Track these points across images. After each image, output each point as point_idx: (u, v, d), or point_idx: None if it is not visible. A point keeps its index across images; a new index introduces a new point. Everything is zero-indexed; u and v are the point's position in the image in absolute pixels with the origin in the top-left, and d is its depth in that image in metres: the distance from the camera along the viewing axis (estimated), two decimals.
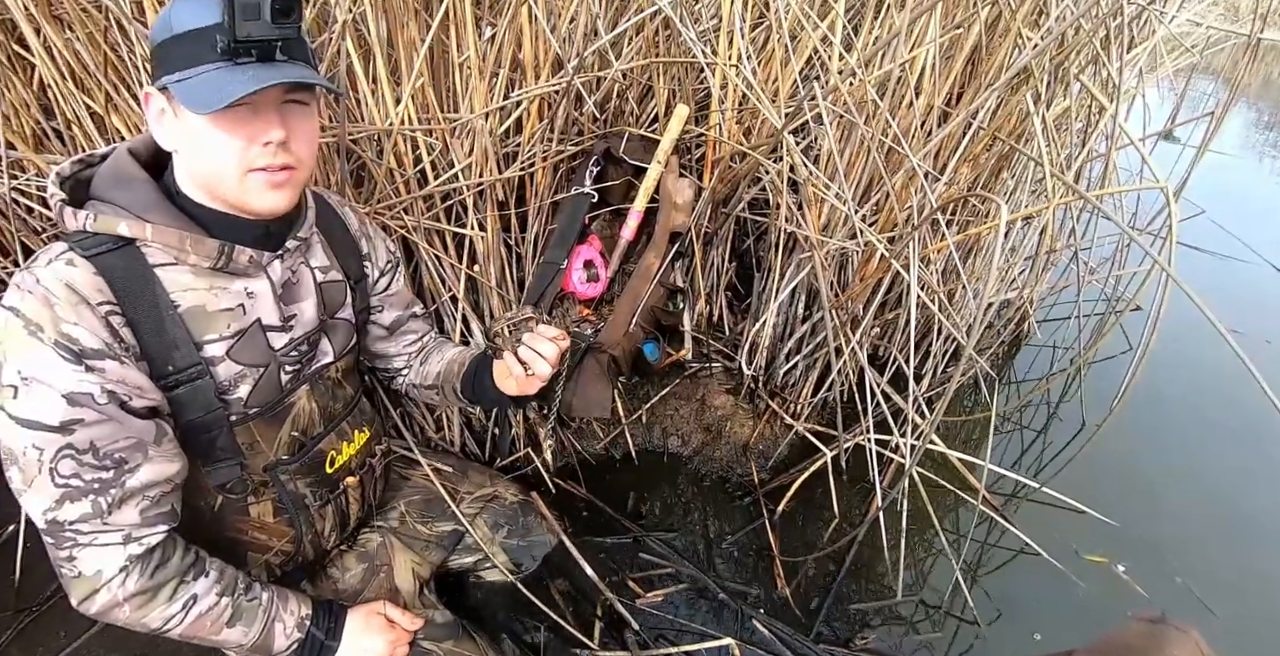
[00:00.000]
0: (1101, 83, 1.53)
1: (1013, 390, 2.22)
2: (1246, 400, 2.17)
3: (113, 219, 0.79)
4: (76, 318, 0.75)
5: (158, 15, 0.72)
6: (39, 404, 0.74)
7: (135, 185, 0.82)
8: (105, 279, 0.78)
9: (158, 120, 0.80)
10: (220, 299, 0.86)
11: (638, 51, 1.62)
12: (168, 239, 0.80)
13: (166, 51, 0.75)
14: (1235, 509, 1.86)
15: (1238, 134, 5.76)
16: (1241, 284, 3.01)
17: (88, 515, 0.78)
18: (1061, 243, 1.82)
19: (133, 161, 0.84)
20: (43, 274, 0.76)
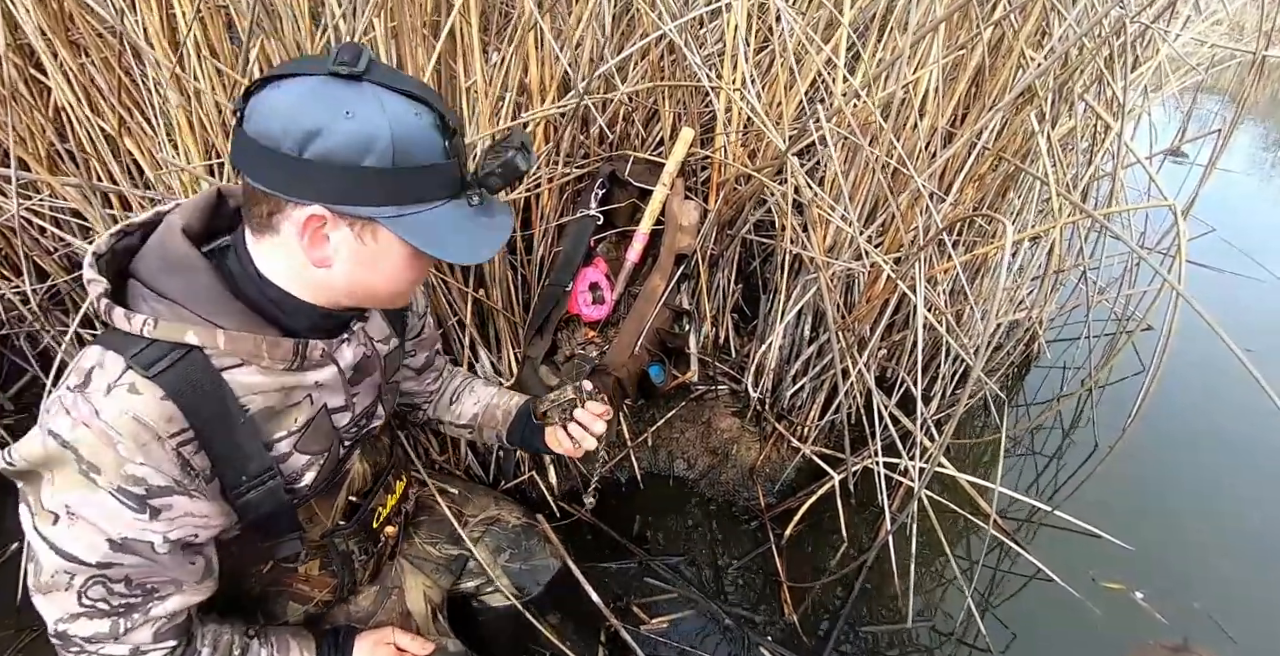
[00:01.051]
0: (1106, 102, 1.53)
1: (1023, 412, 2.20)
2: (1261, 419, 2.14)
3: (178, 325, 0.69)
4: (144, 457, 0.68)
5: (339, 129, 0.64)
6: (80, 541, 0.69)
7: (195, 275, 0.73)
8: (176, 404, 0.70)
9: (323, 240, 0.71)
10: (290, 395, 0.80)
11: (643, 75, 1.63)
12: (243, 347, 0.72)
13: (374, 180, 0.67)
14: (1252, 531, 1.82)
15: (1246, 152, 5.75)
16: (1254, 302, 2.99)
17: (102, 634, 0.74)
18: (1070, 262, 1.80)
19: (187, 242, 0.74)
20: (104, 406, 0.67)
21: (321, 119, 0.64)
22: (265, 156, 0.66)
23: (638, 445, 1.69)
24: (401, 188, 0.69)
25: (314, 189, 0.67)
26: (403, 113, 0.67)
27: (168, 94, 1.31)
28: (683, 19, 1.44)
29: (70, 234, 1.55)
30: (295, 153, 0.65)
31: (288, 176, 0.67)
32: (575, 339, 1.54)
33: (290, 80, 0.66)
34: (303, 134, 0.64)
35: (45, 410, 0.70)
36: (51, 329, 1.60)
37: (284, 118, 0.65)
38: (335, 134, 0.64)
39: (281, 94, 0.66)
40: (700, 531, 1.67)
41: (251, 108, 0.67)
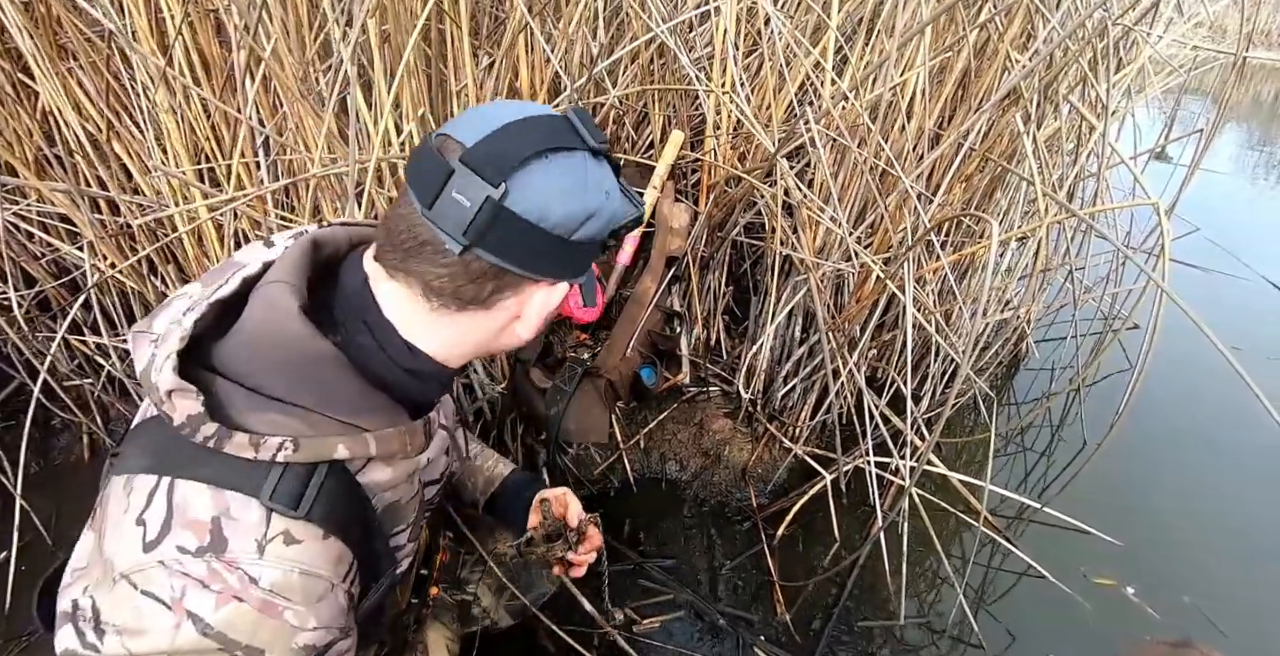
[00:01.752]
0: (1091, 103, 1.55)
1: (1013, 411, 2.21)
2: (1248, 416, 2.16)
3: (325, 442, 0.58)
4: (317, 618, 0.56)
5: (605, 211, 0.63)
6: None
7: (328, 371, 0.60)
8: (340, 538, 0.59)
9: (547, 308, 0.67)
10: (412, 484, 0.72)
11: (633, 78, 1.64)
12: (391, 447, 0.64)
13: (588, 250, 0.65)
14: (1238, 527, 1.84)
15: (1230, 153, 5.82)
16: (1238, 300, 3.02)
17: None
18: (1056, 262, 1.82)
19: (312, 329, 0.60)
20: (263, 572, 0.54)
21: (597, 202, 0.62)
22: (536, 240, 0.60)
23: (630, 447, 1.70)
24: (592, 254, 0.68)
25: (570, 269, 0.65)
26: (618, 189, 0.66)
27: (156, 97, 1.31)
28: (673, 22, 1.45)
29: (58, 239, 1.54)
30: (567, 235, 0.61)
31: (551, 258, 0.62)
32: (567, 341, 1.54)
33: (558, 156, 0.59)
34: (583, 217, 0.61)
35: (139, 575, 0.53)
36: (39, 336, 1.59)
37: (568, 203, 0.60)
38: (603, 215, 0.63)
39: (558, 173, 0.59)
40: (693, 533, 1.67)
41: (518, 183, 0.57)
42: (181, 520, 0.54)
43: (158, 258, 1.46)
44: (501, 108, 0.61)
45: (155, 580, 0.53)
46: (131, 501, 0.55)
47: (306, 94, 1.28)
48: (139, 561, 0.53)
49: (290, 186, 1.42)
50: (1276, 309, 3.01)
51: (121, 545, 0.54)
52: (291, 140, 1.37)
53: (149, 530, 0.53)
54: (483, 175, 0.57)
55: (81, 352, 1.63)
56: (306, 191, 1.36)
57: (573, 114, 0.61)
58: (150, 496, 0.55)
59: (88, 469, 1.70)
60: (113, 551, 0.54)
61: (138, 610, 0.52)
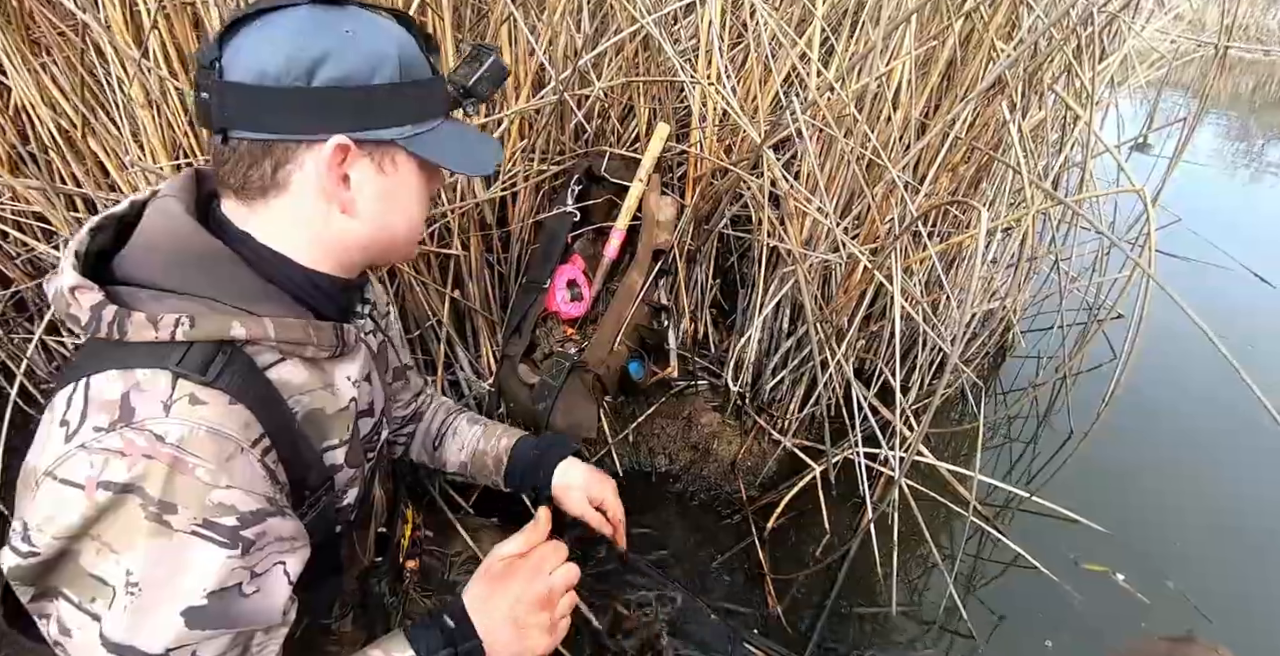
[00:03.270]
0: (1075, 92, 1.55)
1: (1000, 401, 2.22)
2: (1232, 403, 2.19)
3: (220, 319, 0.60)
4: (230, 477, 0.57)
5: (348, 50, 0.61)
6: (146, 625, 0.54)
7: (220, 262, 0.63)
8: (246, 406, 0.60)
9: (344, 179, 0.65)
10: (335, 395, 0.71)
11: (618, 71, 1.63)
12: (292, 335, 0.64)
13: (386, 99, 0.63)
14: (1227, 510, 1.86)
15: (1210, 145, 5.88)
16: (1221, 290, 3.05)
17: None
18: (1042, 251, 1.83)
19: (199, 226, 0.64)
20: (168, 428, 0.55)
21: (327, 43, 0.60)
22: (265, 98, 0.60)
23: (618, 442, 1.69)
24: (412, 104, 0.66)
25: (331, 119, 0.62)
26: (396, 29, 0.65)
27: (132, 91, 1.29)
28: (658, 13, 1.43)
29: (34, 238, 1.51)
30: (304, 83, 0.60)
31: (299, 113, 0.61)
32: (554, 336, 1.53)
33: (274, 14, 0.60)
34: (309, 62, 0.59)
35: (60, 466, 0.54)
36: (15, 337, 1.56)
37: (284, 49, 0.59)
38: (345, 55, 0.61)
39: (271, 28, 0.60)
40: (683, 526, 1.67)
41: (233, 53, 0.60)
42: (95, 405, 0.56)
43: None
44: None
45: (74, 465, 0.54)
46: (54, 413, 0.57)
47: None
48: (60, 453, 0.54)
49: None
50: (1257, 298, 3.04)
51: (45, 448, 0.56)
52: None
53: (70, 427, 0.55)
54: (205, 58, 0.60)
55: (59, 354, 1.60)
56: None
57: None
58: (69, 399, 0.57)
59: None
60: (35, 460, 0.57)
61: (58, 498, 0.54)
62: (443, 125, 0.70)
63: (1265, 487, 1.94)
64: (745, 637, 1.40)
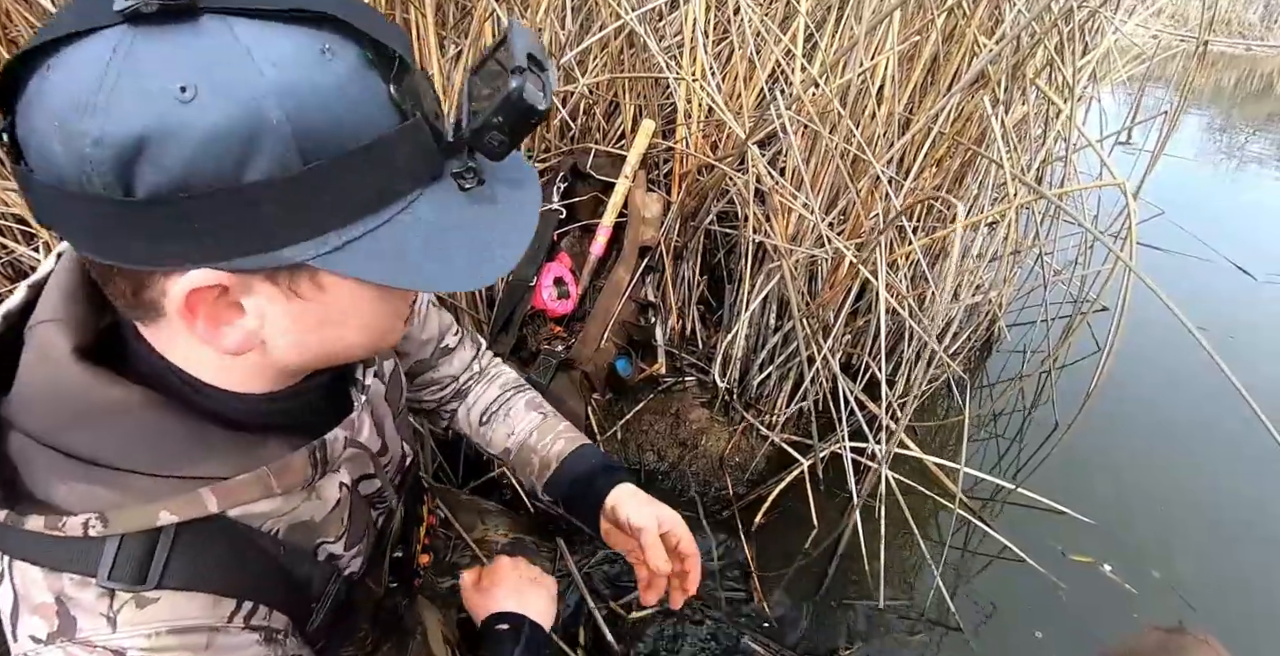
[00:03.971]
0: (1058, 87, 1.56)
1: (986, 394, 2.24)
2: (1214, 394, 2.21)
3: (139, 511, 0.45)
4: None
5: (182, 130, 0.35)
6: None
7: (129, 416, 0.46)
8: (207, 590, 0.49)
9: (231, 313, 0.44)
10: (323, 500, 0.59)
11: (603, 67, 1.63)
12: (243, 495, 0.49)
13: (288, 200, 0.38)
14: (1211, 501, 1.88)
15: (1192, 139, 5.92)
16: (1202, 281, 3.08)
17: None
18: (1026, 245, 1.84)
19: (95, 375, 0.46)
20: (122, 642, 0.45)
21: (136, 122, 0.35)
22: (70, 210, 0.38)
23: (607, 439, 1.69)
24: (332, 200, 0.39)
25: (179, 246, 0.38)
26: (292, 58, 0.37)
27: None
28: (642, 9, 1.43)
29: (13, 240, 1.49)
30: (120, 194, 0.36)
31: (126, 234, 0.38)
32: (541, 334, 1.53)
33: (64, 54, 0.36)
34: (114, 162, 0.35)
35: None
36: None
37: (67, 136, 0.35)
38: (177, 140, 0.35)
39: (52, 90, 0.36)
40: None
41: (21, 126, 0.37)
42: (28, 605, 0.46)
43: None
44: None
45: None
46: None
47: None
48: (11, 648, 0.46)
49: None
50: (1238, 289, 3.07)
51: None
52: None
53: (3, 616, 0.47)
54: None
55: None
56: None
57: None
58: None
59: None
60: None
61: None
62: (416, 204, 0.43)
63: (1246, 478, 1.96)
64: (737, 632, 1.41)
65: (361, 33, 0.38)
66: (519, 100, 0.40)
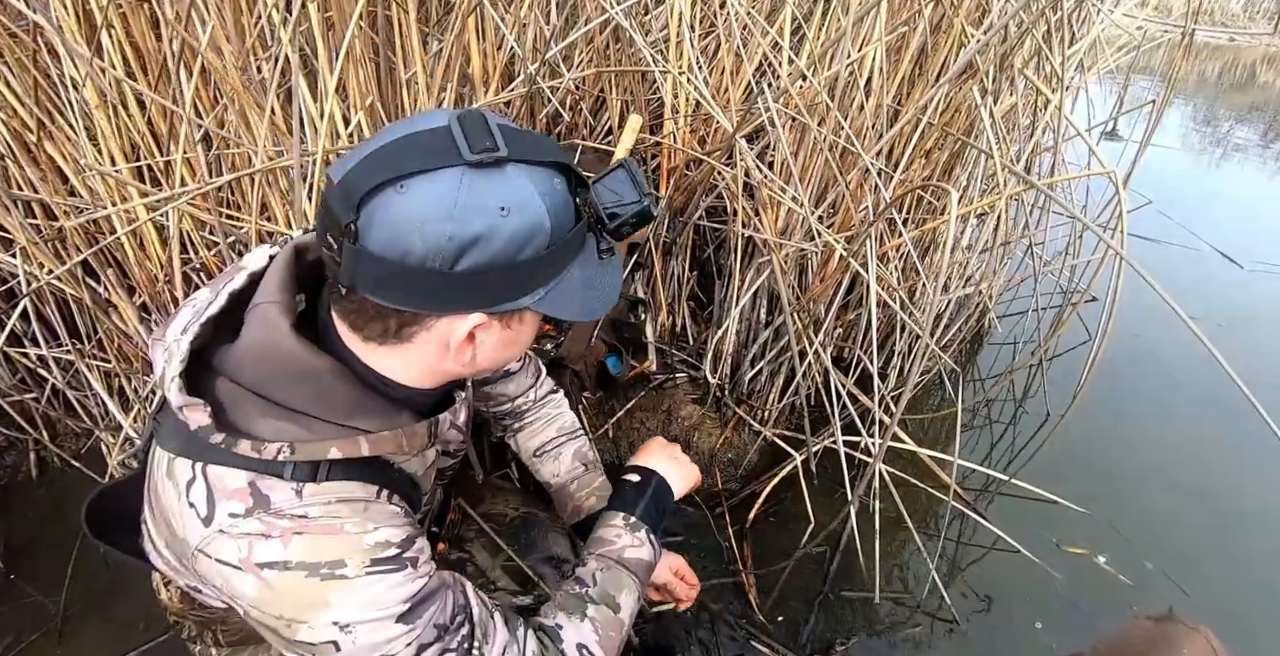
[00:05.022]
0: (1045, 77, 1.56)
1: (979, 386, 2.24)
2: (1204, 382, 2.22)
3: (318, 446, 0.63)
4: (374, 520, 0.64)
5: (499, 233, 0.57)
6: (381, 646, 0.63)
7: (323, 381, 0.65)
8: (359, 481, 0.66)
9: (470, 342, 0.65)
10: (424, 460, 0.79)
11: (589, 61, 1.61)
12: (385, 447, 0.68)
13: (529, 272, 0.61)
14: (1199, 489, 1.89)
15: (1178, 129, 5.96)
16: (1190, 270, 3.10)
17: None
18: (1016, 235, 1.84)
19: (304, 346, 0.64)
20: (306, 508, 0.62)
21: (478, 226, 0.56)
22: (403, 278, 0.57)
23: (598, 437, 1.68)
24: (553, 267, 0.63)
25: (468, 300, 0.61)
26: (549, 189, 0.59)
27: (85, 92, 1.25)
28: (627, 3, 1.42)
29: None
30: (446, 268, 0.57)
31: (436, 293, 0.59)
32: None
33: (417, 180, 0.55)
34: (456, 250, 0.56)
35: (208, 545, 0.62)
36: None
37: (427, 232, 0.55)
38: (495, 239, 0.57)
39: (413, 203, 0.55)
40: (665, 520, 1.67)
41: (370, 220, 0.56)
42: (223, 493, 0.62)
43: (96, 262, 1.39)
44: (391, 129, 0.59)
45: (223, 548, 0.61)
46: (176, 486, 0.64)
47: (247, 84, 1.23)
48: (204, 534, 0.62)
49: (234, 183, 1.37)
50: (1225, 277, 3.09)
51: (186, 524, 0.63)
52: (233, 134, 1.32)
53: (199, 508, 0.62)
54: (336, 215, 0.56)
55: (23, 365, 1.56)
56: (252, 187, 1.31)
57: (455, 122, 0.56)
58: (190, 482, 0.63)
59: (38, 487, 1.63)
60: (183, 531, 0.64)
61: (223, 575, 0.62)
62: (573, 269, 0.65)
63: (1237, 465, 1.97)
64: (731, 628, 1.40)
65: (571, 168, 0.62)
66: (647, 213, 0.69)
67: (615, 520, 0.96)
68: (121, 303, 1.45)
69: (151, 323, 1.49)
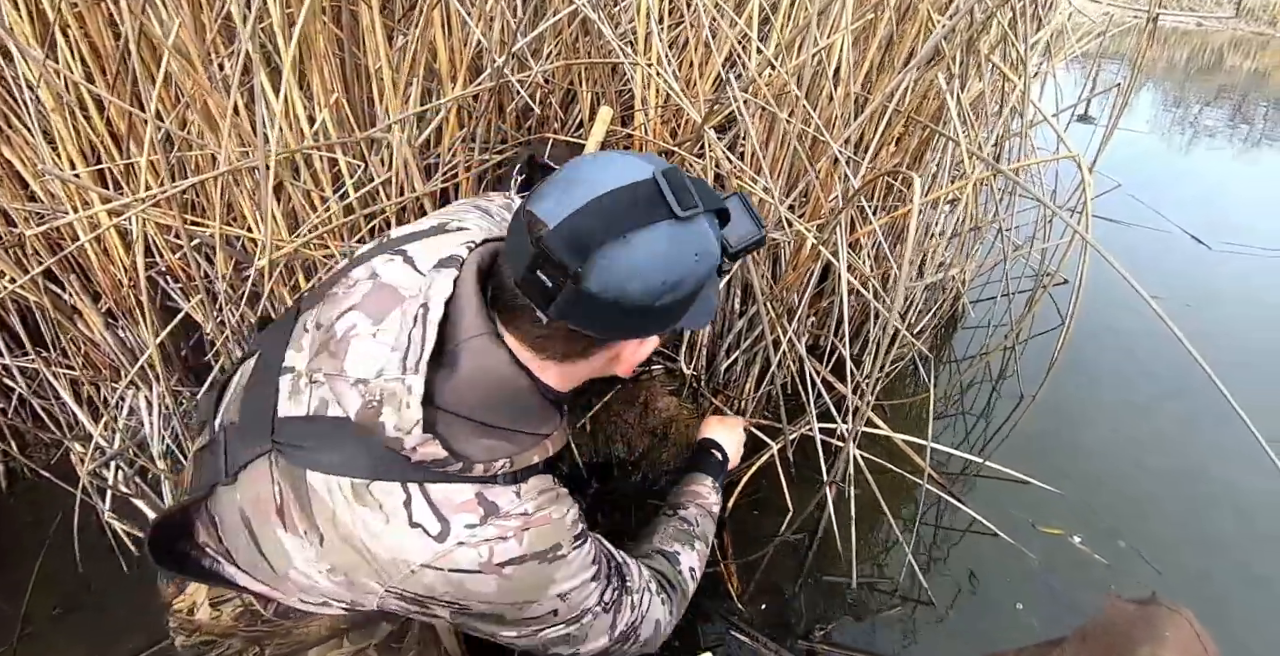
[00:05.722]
0: (1013, 63, 1.57)
1: (954, 371, 2.26)
2: (1172, 362, 2.25)
3: (526, 455, 0.76)
4: (569, 509, 0.79)
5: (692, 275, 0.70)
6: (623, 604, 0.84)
7: (522, 397, 0.75)
8: (544, 473, 0.81)
9: (645, 349, 0.80)
10: None
11: (558, 55, 1.60)
12: (559, 445, 0.81)
13: (694, 299, 0.74)
14: (1169, 468, 1.92)
15: (1147, 114, 6.03)
16: (1159, 252, 3.14)
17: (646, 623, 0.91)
18: (985, 220, 1.86)
19: (517, 370, 0.74)
20: (526, 506, 0.74)
21: (680, 272, 0.68)
22: (614, 314, 0.68)
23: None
24: (703, 296, 0.77)
25: (655, 328, 0.75)
26: (718, 233, 0.73)
27: (40, 93, 1.23)
28: None
29: None
30: (650, 304, 0.68)
31: (636, 325, 0.73)
32: None
33: (636, 236, 0.65)
34: (661, 291, 0.68)
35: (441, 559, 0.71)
36: None
37: (647, 281, 0.67)
38: (689, 281, 0.70)
39: (637, 254, 0.66)
40: (642, 514, 1.67)
41: (593, 265, 0.65)
42: (451, 509, 0.71)
43: (59, 268, 1.37)
44: (590, 176, 0.67)
45: (461, 558, 0.70)
46: (384, 509, 0.70)
47: (208, 82, 1.21)
48: (437, 550, 0.70)
49: (198, 185, 1.35)
50: (1192, 258, 3.14)
51: (405, 544, 0.70)
52: (196, 135, 1.30)
53: (429, 527, 0.70)
54: (562, 259, 0.64)
55: None
56: (216, 189, 1.30)
57: (661, 178, 0.66)
58: (407, 504, 0.70)
59: (9, 497, 1.61)
60: (393, 551, 0.70)
61: (453, 583, 0.71)
62: (707, 289, 0.77)
63: (1203, 443, 2.01)
64: (711, 615, 1.41)
65: (726, 214, 0.75)
66: (763, 242, 0.85)
67: (706, 482, 1.23)
68: (86, 309, 1.43)
69: (118, 328, 1.47)
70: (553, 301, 0.67)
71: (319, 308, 0.78)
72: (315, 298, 0.81)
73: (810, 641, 1.39)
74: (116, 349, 1.48)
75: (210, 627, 0.88)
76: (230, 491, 0.78)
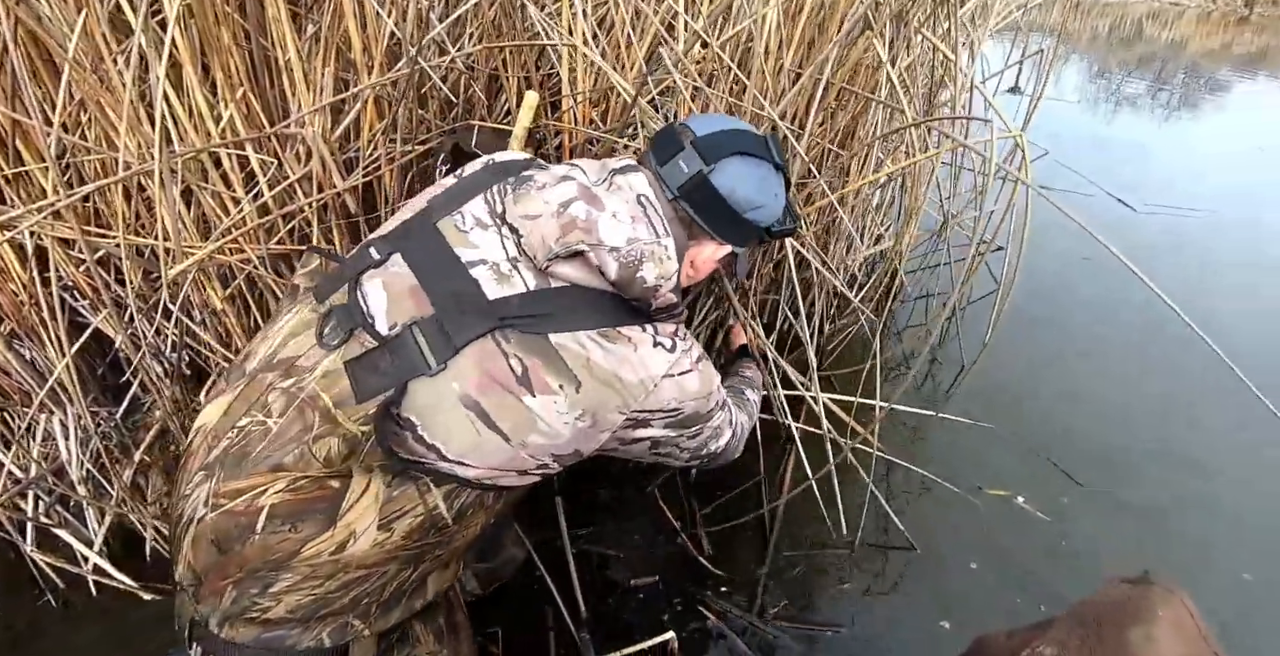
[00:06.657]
0: (942, 35, 1.57)
1: (897, 339, 2.30)
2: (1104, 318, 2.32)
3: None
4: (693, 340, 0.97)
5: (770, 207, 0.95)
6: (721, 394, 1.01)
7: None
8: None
9: (710, 263, 0.97)
10: None
11: (481, 35, 1.54)
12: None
13: (758, 232, 0.97)
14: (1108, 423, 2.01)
15: (1074, 83, 6.21)
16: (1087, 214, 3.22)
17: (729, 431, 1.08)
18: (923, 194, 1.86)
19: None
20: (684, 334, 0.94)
21: (766, 198, 0.93)
22: (718, 207, 0.91)
23: None
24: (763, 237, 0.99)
25: (738, 237, 0.95)
26: (787, 196, 0.99)
27: None
28: None
29: None
30: (740, 212, 0.92)
31: (726, 226, 0.93)
32: None
33: (752, 160, 0.92)
34: (751, 205, 0.92)
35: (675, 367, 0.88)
36: None
37: (749, 189, 0.91)
38: (767, 209, 0.94)
39: (748, 170, 0.91)
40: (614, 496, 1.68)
41: (722, 169, 0.89)
42: (666, 335, 0.90)
43: None
44: (725, 118, 0.95)
45: (683, 362, 0.90)
46: (634, 341, 0.87)
47: (100, 81, 1.13)
48: (671, 359, 0.88)
49: (98, 193, 1.26)
50: (1119, 220, 3.23)
51: (650, 360, 0.87)
52: (91, 140, 1.22)
53: (665, 345, 0.89)
54: (701, 155, 0.89)
55: None
56: (117, 195, 1.21)
57: (770, 138, 0.94)
58: (647, 333, 0.88)
59: None
60: (641, 372, 0.86)
61: (680, 385, 0.89)
62: (753, 243, 1.01)
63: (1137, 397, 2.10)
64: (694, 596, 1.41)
65: (781, 165, 0.97)
66: (793, 232, 1.04)
67: (753, 365, 1.39)
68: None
69: (22, 350, 1.37)
70: (683, 185, 0.89)
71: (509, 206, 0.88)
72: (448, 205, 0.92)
73: (766, 618, 1.40)
74: (24, 371, 1.38)
75: (363, 559, 0.81)
76: (433, 385, 0.79)
